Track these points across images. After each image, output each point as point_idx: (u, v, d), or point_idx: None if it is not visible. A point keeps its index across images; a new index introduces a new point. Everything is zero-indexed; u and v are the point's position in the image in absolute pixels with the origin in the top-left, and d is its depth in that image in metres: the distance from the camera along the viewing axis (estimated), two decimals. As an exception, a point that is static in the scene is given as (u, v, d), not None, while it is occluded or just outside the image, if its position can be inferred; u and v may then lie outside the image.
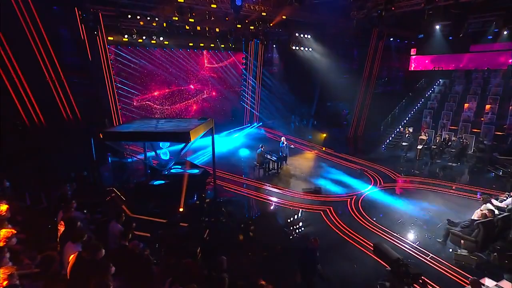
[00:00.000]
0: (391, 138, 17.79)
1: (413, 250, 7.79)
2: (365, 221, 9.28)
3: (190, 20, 15.34)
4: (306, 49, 20.63)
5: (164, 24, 14.88)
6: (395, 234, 8.48)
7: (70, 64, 11.17)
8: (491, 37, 17.29)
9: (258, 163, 13.56)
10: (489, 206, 7.99)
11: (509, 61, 19.54)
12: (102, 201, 8.30)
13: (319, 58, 21.13)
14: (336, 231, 8.81)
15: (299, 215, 9.26)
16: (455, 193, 11.33)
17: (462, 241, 7.48)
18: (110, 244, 6.29)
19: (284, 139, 14.84)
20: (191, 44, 18.81)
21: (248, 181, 12.68)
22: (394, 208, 10.08)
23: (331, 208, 10.10)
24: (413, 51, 22.78)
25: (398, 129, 18.11)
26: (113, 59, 16.64)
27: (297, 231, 8.78)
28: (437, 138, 15.37)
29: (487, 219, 7.43)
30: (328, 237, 8.40)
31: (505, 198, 8.63)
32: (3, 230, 4.98)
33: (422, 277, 5.32)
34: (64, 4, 10.77)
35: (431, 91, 19.78)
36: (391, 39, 20.68)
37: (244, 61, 22.32)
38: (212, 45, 19.70)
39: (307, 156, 16.29)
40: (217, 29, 17.86)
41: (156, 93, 19.99)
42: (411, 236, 8.47)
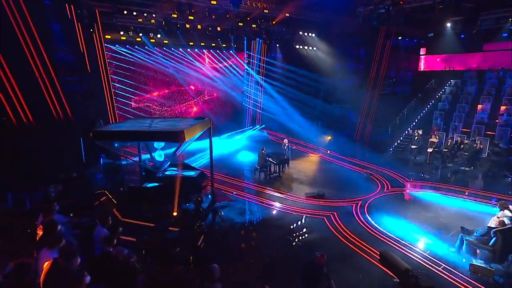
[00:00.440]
0: (399, 141, 17.40)
1: (423, 259, 7.37)
2: (371, 228, 8.86)
3: (190, 17, 15.19)
4: (310, 48, 20.32)
5: (163, 22, 14.71)
6: (403, 242, 8.05)
7: (63, 61, 11.00)
8: (506, 34, 16.69)
9: (259, 166, 13.22)
10: (507, 213, 7.53)
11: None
12: (90, 204, 7.98)
13: (324, 57, 20.80)
14: (340, 238, 8.41)
15: (303, 221, 8.88)
16: (468, 198, 10.87)
17: (478, 250, 7.02)
18: (96, 250, 5.99)
19: (287, 141, 14.51)
20: (191, 43, 18.61)
21: (248, 185, 12.33)
22: (403, 214, 9.66)
23: (335, 213, 9.68)
24: (423, 50, 22.34)
25: (406, 131, 17.71)
26: (110, 57, 16.48)
27: (299, 238, 8.36)
28: (449, 140, 14.90)
29: (506, 226, 6.96)
30: (331, 244, 8.04)
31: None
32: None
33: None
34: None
35: (441, 92, 19.37)
36: (400, 37, 20.28)
37: (247, 61, 22.07)
38: (213, 44, 19.47)
39: (311, 159, 15.94)
40: (218, 28, 17.66)
41: (155, 94, 19.80)
42: (421, 244, 8.04)
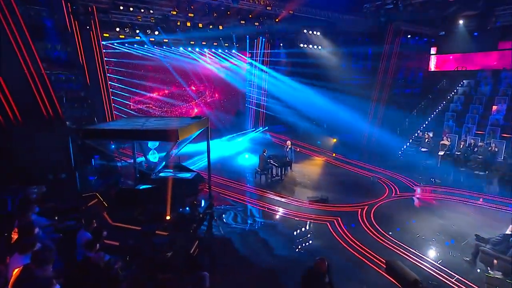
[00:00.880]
0: (408, 143, 16.98)
1: (434, 270, 6.96)
2: (378, 235, 8.46)
3: (190, 15, 15.02)
4: (315, 47, 20.01)
5: (162, 20, 14.56)
6: (413, 251, 7.64)
7: (55, 58, 10.85)
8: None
9: (260, 168, 12.89)
10: (526, 219, 7.05)
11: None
12: (78, 206, 7.71)
13: (329, 57, 20.47)
14: (344, 245, 8.03)
15: (307, 227, 8.56)
16: (483, 204, 10.40)
17: (494, 260, 6.57)
18: (78, 256, 5.70)
19: (290, 142, 14.19)
20: (192, 42, 18.44)
21: (248, 188, 12.01)
22: (412, 220, 9.25)
23: (339, 219, 9.29)
24: (433, 49, 21.88)
25: (416, 133, 17.29)
26: (108, 56, 16.36)
27: (301, 245, 8.01)
28: (461, 143, 14.42)
29: (525, 234, 6.50)
30: (334, 251, 7.68)
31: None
32: None
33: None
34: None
35: (453, 93, 18.86)
36: (409, 36, 19.86)
37: (249, 60, 21.82)
38: (215, 43, 19.26)
39: (315, 162, 15.59)
40: (220, 26, 17.48)
41: (154, 94, 19.67)
42: (432, 253, 7.63)
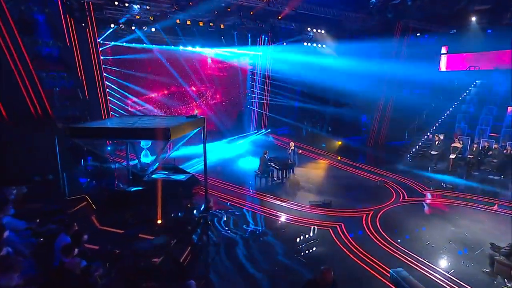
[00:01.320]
0: (417, 146, 16.64)
1: (445, 281, 6.53)
2: (384, 242, 8.06)
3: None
4: (320, 45, 19.70)
5: (160, 17, 14.38)
6: (422, 260, 7.22)
7: (46, 54, 10.68)
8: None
9: (260, 171, 12.56)
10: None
11: None
12: (63, 209, 7.45)
13: (334, 56, 20.13)
14: (347, 252, 7.64)
15: (308, 233, 8.22)
16: (498, 211, 9.94)
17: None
18: (56, 261, 5.41)
19: (293, 144, 13.88)
20: (192, 41, 18.26)
21: (248, 192, 11.71)
22: (421, 227, 8.83)
23: (342, 224, 8.90)
24: (444, 49, 21.42)
25: (426, 136, 16.96)
26: (106, 54, 16.24)
27: (301, 252, 7.65)
28: (474, 146, 13.96)
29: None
30: (336, 260, 7.30)
31: None
32: None
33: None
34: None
35: (465, 94, 18.48)
36: (418, 34, 19.46)
37: (251, 60, 21.62)
38: (216, 42, 19.03)
39: (319, 165, 15.27)
40: (221, 25, 17.30)
41: (153, 95, 19.48)
42: (443, 263, 7.20)
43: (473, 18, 15.60)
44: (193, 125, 9.33)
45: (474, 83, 18.80)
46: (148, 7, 13.20)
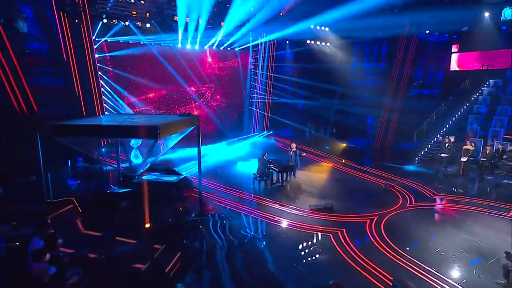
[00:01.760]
0: (426, 149, 16.35)
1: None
2: (388, 249, 7.65)
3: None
4: (323, 43, 19.39)
5: (156, 13, 14.22)
6: (430, 269, 6.80)
7: (35, 50, 10.48)
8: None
9: (259, 174, 12.20)
10: None
11: None
12: (43, 212, 7.18)
13: (339, 54, 19.82)
14: (348, 260, 7.24)
15: (307, 240, 7.88)
16: (513, 217, 9.41)
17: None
18: (28, 267, 5.11)
19: (294, 145, 13.51)
20: (191, 39, 18.06)
21: (245, 195, 11.38)
22: (430, 234, 8.41)
23: (344, 230, 8.51)
24: (455, 47, 20.97)
25: (436, 138, 16.64)
26: (105, 51, 16.07)
27: (299, 260, 7.30)
28: (488, 149, 13.53)
29: None
30: (336, 268, 6.97)
31: None
32: None
33: None
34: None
35: (478, 94, 18.08)
36: (427, 31, 19.06)
37: (253, 60, 21.37)
38: (216, 41, 18.82)
39: (322, 168, 14.92)
40: (221, 23, 17.10)
41: (151, 95, 19.26)
42: (454, 273, 6.80)
43: (486, 14, 15.18)
44: (186, 124, 9.05)
45: (487, 82, 18.35)
46: (143, 1, 13.00)
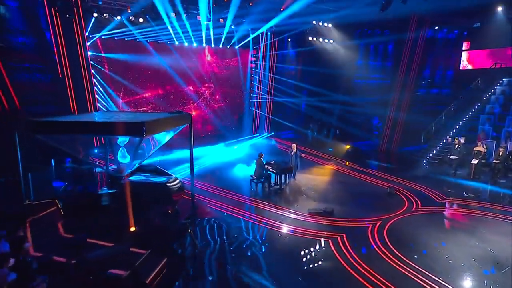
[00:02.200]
0: (435, 151, 16.04)
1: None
2: (391, 257, 7.28)
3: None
4: (326, 40, 19.08)
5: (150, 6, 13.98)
6: (438, 279, 6.43)
7: (21, 44, 10.27)
8: None
9: (256, 176, 11.87)
10: None
11: None
12: (19, 214, 6.92)
13: (343, 53, 19.49)
14: (347, 267, 6.88)
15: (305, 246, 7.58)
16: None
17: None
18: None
19: (295, 146, 13.21)
20: (189, 36, 17.87)
21: (240, 198, 11.10)
22: (437, 241, 8.03)
23: (343, 235, 8.17)
24: (466, 45, 20.54)
25: (445, 139, 16.30)
26: (100, 46, 15.89)
27: (298, 267, 7.01)
28: (500, 150, 13.18)
29: None
30: (334, 276, 6.65)
31: None
32: None
33: None
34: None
35: (490, 93, 17.73)
36: (436, 28, 18.68)
37: (254, 58, 21.13)
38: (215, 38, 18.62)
39: (324, 171, 14.63)
40: (221, 20, 16.90)
41: (147, 95, 19.06)
42: (463, 283, 6.46)
43: (499, 9, 14.75)
44: (176, 122, 8.74)
45: (501, 81, 17.94)
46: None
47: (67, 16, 12.81)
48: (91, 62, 14.88)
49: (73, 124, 7.08)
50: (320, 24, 17.55)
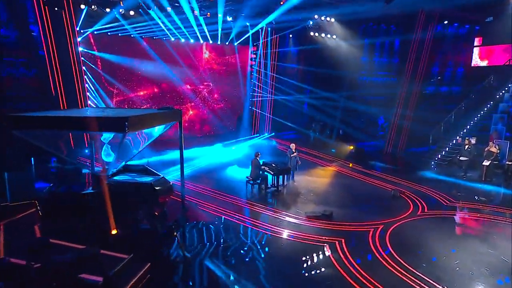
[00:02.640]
0: (444, 152, 15.73)
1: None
2: (394, 264, 6.92)
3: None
4: (329, 36, 18.76)
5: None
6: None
7: (2, 36, 10.04)
8: None
9: (252, 177, 11.54)
10: None
11: None
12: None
13: (347, 49, 19.16)
14: (345, 275, 6.53)
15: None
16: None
17: None
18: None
19: (294, 145, 12.88)
20: (186, 33, 17.65)
21: (235, 200, 10.80)
22: (445, 248, 7.68)
23: (342, 240, 7.82)
24: (478, 40, 20.10)
25: (455, 140, 15.97)
26: (92, 41, 15.73)
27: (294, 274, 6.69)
28: (515, 151, 12.65)
29: None
30: (331, 284, 6.28)
31: None
32: None
33: None
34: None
35: (504, 91, 17.29)
36: (446, 22, 18.28)
37: (254, 55, 20.89)
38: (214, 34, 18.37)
39: (325, 172, 14.34)
40: (220, 15, 16.68)
41: (141, 93, 18.85)
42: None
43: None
44: (164, 118, 8.46)
45: (515, 78, 17.50)
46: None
47: (56, 9, 12.67)
48: (82, 59, 14.74)
49: (49, 120, 6.80)
50: (323, 18, 17.23)
